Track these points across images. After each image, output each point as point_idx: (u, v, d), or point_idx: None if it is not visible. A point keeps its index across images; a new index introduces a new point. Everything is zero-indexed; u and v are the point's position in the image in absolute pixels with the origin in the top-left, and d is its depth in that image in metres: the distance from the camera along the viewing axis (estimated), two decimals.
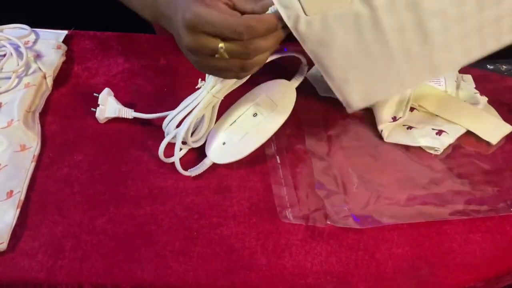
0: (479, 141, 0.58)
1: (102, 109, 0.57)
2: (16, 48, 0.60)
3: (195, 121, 0.52)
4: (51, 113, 0.59)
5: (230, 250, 0.49)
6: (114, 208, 0.51)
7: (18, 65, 0.59)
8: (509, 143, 0.59)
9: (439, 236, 0.51)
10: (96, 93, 0.57)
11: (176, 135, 0.52)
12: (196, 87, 0.53)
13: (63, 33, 0.66)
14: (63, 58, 0.64)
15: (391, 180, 0.54)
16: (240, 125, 0.54)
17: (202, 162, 0.54)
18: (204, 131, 0.54)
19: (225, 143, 0.54)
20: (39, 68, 0.61)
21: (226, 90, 0.51)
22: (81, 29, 0.68)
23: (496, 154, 0.58)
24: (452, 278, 0.48)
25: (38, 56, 0.62)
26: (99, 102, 0.57)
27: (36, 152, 0.55)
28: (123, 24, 0.68)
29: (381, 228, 0.51)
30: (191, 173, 0.53)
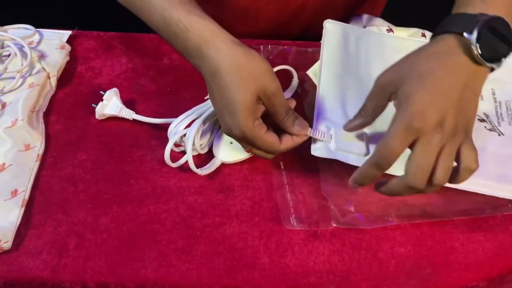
0: None
1: (104, 105, 0.57)
2: (20, 48, 0.61)
3: (202, 129, 0.54)
4: (55, 113, 0.59)
5: (233, 249, 0.49)
6: (118, 207, 0.52)
7: (22, 65, 0.59)
8: None
9: (442, 236, 0.51)
10: (103, 91, 0.58)
11: (187, 136, 0.53)
12: (205, 98, 0.57)
13: (67, 33, 0.66)
14: (67, 58, 0.64)
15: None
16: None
17: (212, 162, 0.54)
18: (208, 139, 0.55)
19: (232, 143, 0.54)
20: (43, 68, 0.61)
21: None
22: (85, 29, 0.68)
23: None
24: (455, 277, 0.48)
25: (42, 56, 0.62)
26: (104, 98, 0.57)
27: (40, 152, 0.55)
28: (127, 24, 0.68)
29: (384, 228, 0.51)
30: (202, 172, 0.53)
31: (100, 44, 0.66)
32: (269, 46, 0.66)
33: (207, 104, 0.55)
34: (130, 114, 0.58)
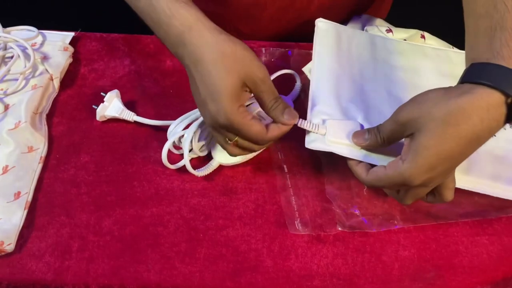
0: None
1: (105, 106, 0.57)
2: (24, 50, 0.61)
3: (200, 130, 0.53)
4: (58, 115, 0.59)
5: (236, 252, 0.49)
6: (121, 209, 0.51)
7: (25, 67, 0.59)
8: None
9: (446, 239, 0.51)
10: (104, 93, 0.58)
11: (185, 136, 0.52)
12: None
13: (70, 35, 0.66)
14: (70, 60, 0.64)
15: None
16: None
17: (209, 164, 0.54)
18: (208, 141, 0.55)
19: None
20: (46, 70, 0.61)
21: None
22: (88, 31, 0.68)
23: None
24: (459, 281, 0.48)
25: (45, 58, 0.62)
26: (105, 100, 0.57)
27: (43, 154, 0.55)
28: (130, 26, 0.68)
29: (388, 231, 0.51)
30: (199, 173, 0.53)
31: (103, 46, 0.66)
32: (271, 49, 0.66)
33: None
34: (131, 116, 0.58)
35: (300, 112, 0.57)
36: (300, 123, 0.49)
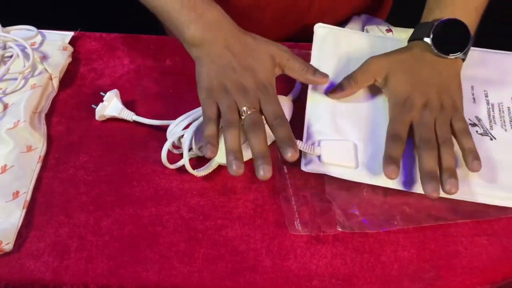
0: None
1: (104, 106, 0.57)
2: (23, 49, 0.61)
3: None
4: (57, 114, 0.59)
5: (235, 252, 0.49)
6: (120, 209, 0.51)
7: (25, 66, 0.59)
8: None
9: (445, 239, 0.51)
10: (103, 92, 0.58)
11: (184, 136, 0.52)
12: None
13: (69, 34, 0.66)
14: (69, 59, 0.64)
15: None
16: (244, 130, 0.55)
17: (209, 164, 0.54)
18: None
19: None
20: (45, 69, 0.61)
21: None
22: (87, 30, 0.68)
23: None
24: (459, 282, 0.48)
25: (45, 57, 0.62)
26: (104, 99, 0.57)
27: (42, 153, 0.55)
28: (129, 25, 0.68)
29: (387, 231, 0.51)
30: (198, 173, 0.53)
31: (103, 45, 0.66)
32: None
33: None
34: (130, 116, 0.57)
35: (300, 113, 0.57)
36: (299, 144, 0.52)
